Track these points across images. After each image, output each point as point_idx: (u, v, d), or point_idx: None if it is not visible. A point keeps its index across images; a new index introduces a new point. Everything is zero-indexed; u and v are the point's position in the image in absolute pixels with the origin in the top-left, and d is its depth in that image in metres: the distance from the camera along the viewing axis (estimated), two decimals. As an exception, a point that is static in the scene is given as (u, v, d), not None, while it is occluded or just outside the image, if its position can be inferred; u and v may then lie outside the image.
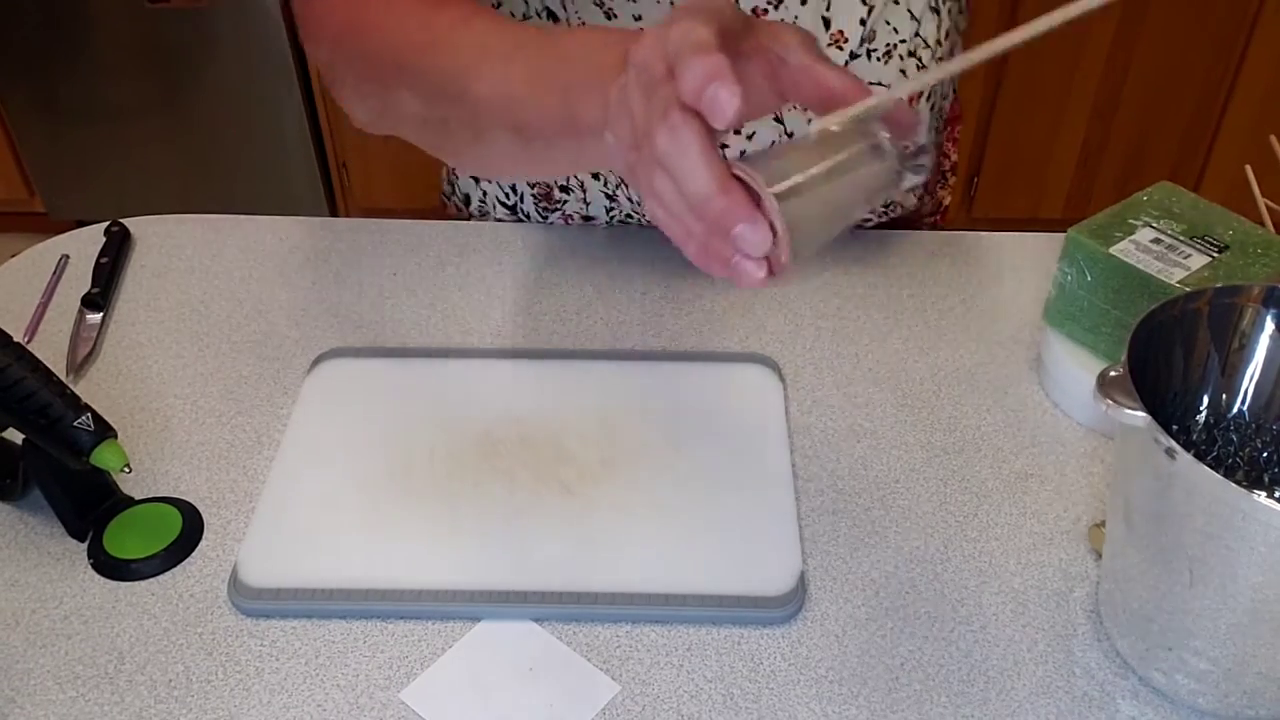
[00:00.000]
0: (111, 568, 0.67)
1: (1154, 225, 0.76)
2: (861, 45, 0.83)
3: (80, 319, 0.86)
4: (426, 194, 2.44)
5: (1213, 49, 2.10)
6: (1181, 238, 0.75)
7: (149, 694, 0.61)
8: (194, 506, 0.71)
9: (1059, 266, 0.78)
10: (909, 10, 0.83)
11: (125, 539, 0.68)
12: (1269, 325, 0.62)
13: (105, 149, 2.31)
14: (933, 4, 0.85)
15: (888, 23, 0.83)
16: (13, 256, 0.93)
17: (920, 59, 0.86)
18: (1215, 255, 0.74)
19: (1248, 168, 0.83)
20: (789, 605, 0.65)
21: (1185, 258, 0.74)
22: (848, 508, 0.72)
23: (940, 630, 0.64)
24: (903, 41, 0.84)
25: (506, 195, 0.97)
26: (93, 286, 0.88)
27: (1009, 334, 0.86)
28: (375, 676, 0.62)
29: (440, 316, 0.87)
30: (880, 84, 0.84)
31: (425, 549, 0.67)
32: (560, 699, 0.61)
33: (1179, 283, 0.71)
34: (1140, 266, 0.73)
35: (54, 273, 0.91)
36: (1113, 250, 0.74)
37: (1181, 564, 0.55)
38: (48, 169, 2.35)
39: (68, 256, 0.93)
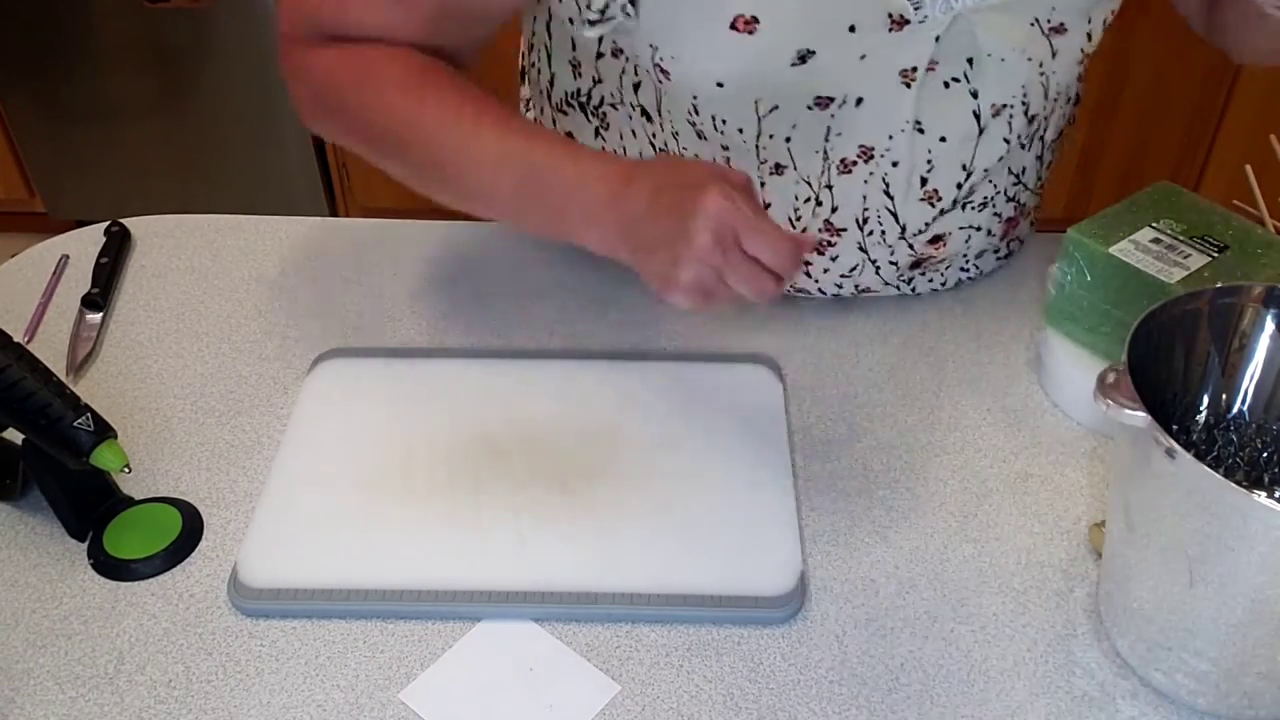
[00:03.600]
0: (111, 568, 0.67)
1: (1154, 225, 0.76)
2: (955, 204, 0.81)
3: (80, 319, 0.86)
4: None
5: (1213, 49, 2.10)
6: (1181, 238, 0.75)
7: (149, 694, 0.61)
8: (194, 506, 0.71)
9: (1059, 266, 0.78)
10: (1010, 169, 0.81)
11: (125, 539, 0.68)
12: (1269, 325, 0.62)
13: (105, 149, 2.31)
14: (1038, 154, 0.84)
15: (990, 181, 0.81)
16: (13, 256, 0.93)
17: (1020, 201, 0.85)
18: (1215, 255, 0.74)
19: (1248, 168, 0.83)
20: (789, 605, 0.65)
21: (1185, 258, 0.74)
22: (848, 508, 0.72)
23: (940, 630, 0.64)
24: (1000, 193, 0.83)
25: None
26: (93, 286, 0.88)
27: (1009, 334, 0.86)
28: (375, 677, 0.62)
29: (440, 316, 0.87)
30: (974, 228, 0.83)
31: (425, 549, 0.67)
32: (560, 699, 0.61)
33: (1179, 283, 0.71)
34: (1140, 266, 0.73)
35: (54, 273, 0.91)
36: (1113, 250, 0.74)
37: (1181, 564, 0.55)
38: (48, 169, 2.35)
39: (68, 256, 0.93)
